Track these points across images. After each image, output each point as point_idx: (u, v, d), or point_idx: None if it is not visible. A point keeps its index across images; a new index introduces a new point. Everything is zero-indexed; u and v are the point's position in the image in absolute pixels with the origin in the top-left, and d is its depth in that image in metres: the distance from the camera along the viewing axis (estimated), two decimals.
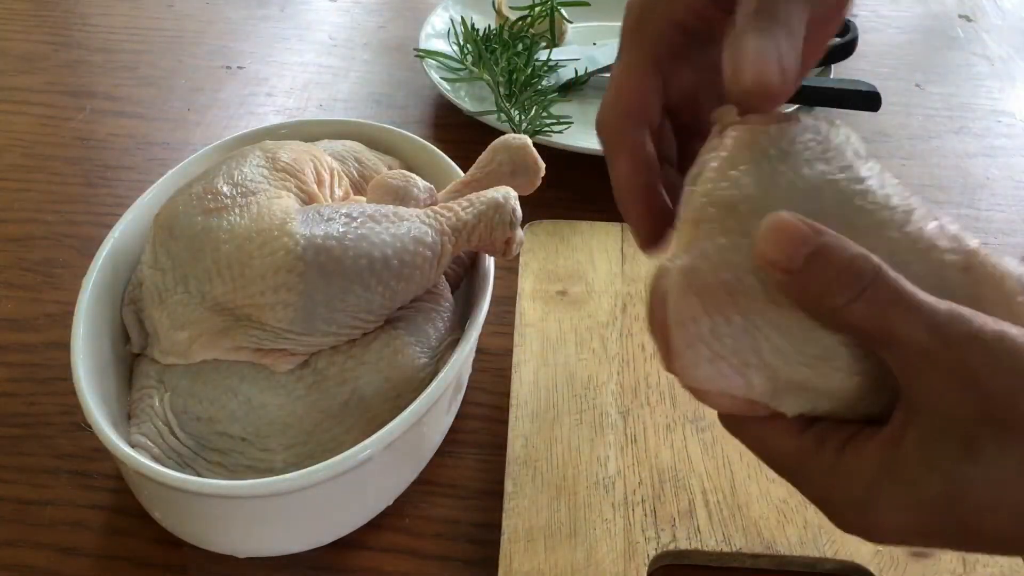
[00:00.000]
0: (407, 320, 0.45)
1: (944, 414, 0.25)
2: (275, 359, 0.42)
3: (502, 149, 0.50)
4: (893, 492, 0.26)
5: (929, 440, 0.26)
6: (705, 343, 0.27)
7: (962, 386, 0.25)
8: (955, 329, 0.25)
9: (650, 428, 0.49)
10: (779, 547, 0.44)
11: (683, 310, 0.27)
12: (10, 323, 0.56)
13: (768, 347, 0.27)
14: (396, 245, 0.43)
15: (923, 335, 0.25)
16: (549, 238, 0.61)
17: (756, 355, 0.27)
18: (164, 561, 0.44)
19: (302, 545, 0.43)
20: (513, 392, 0.51)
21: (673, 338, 0.28)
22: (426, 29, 0.79)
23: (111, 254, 0.46)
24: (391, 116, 0.76)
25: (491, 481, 0.48)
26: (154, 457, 0.41)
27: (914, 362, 0.25)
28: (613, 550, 0.43)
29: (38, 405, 0.51)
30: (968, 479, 0.25)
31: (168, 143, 0.72)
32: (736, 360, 0.27)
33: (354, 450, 0.39)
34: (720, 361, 0.27)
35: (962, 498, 0.25)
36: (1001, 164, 0.74)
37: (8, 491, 0.47)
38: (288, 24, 0.89)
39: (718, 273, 0.27)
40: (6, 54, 0.82)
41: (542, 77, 0.72)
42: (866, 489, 0.27)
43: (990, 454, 0.25)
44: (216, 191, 0.43)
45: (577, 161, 0.66)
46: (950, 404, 0.25)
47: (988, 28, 0.94)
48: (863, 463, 0.27)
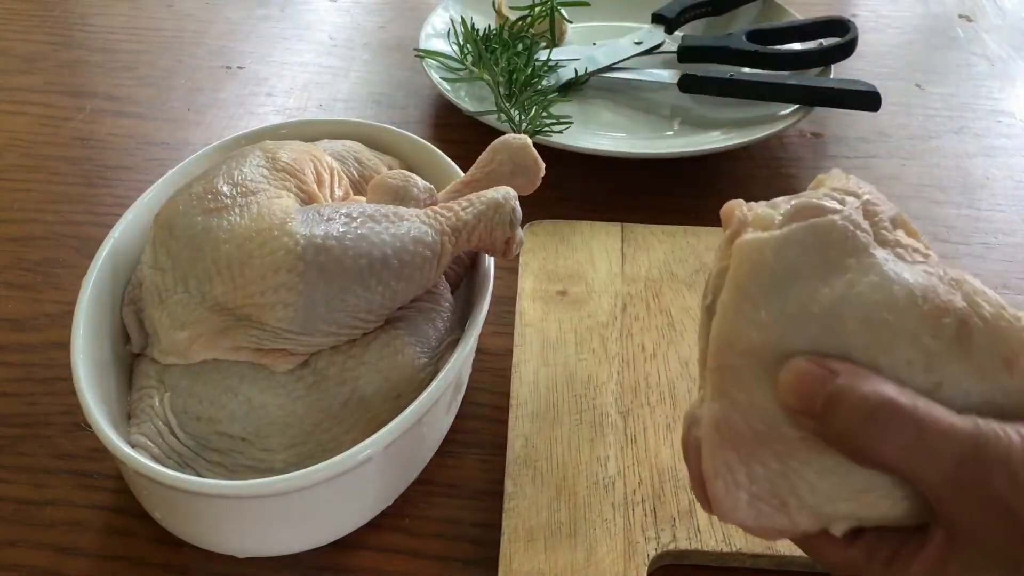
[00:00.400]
0: (407, 320, 0.45)
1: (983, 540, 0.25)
2: (275, 359, 0.42)
3: (502, 149, 0.50)
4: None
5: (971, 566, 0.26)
6: (743, 489, 0.27)
7: (996, 515, 0.25)
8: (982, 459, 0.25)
9: (650, 428, 0.49)
10: (779, 547, 0.44)
11: (718, 460, 0.27)
12: (10, 323, 0.56)
13: (807, 487, 0.27)
14: (396, 245, 0.43)
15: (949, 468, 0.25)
16: (549, 238, 0.61)
17: (796, 496, 0.27)
18: (164, 561, 0.44)
19: (302, 545, 0.43)
20: (513, 392, 0.51)
21: (710, 487, 0.28)
22: (426, 29, 0.79)
23: (111, 254, 0.46)
24: (391, 116, 0.76)
25: (491, 481, 0.48)
26: (154, 457, 0.41)
27: (946, 495, 0.25)
28: (613, 550, 0.43)
29: (38, 405, 0.51)
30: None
31: (168, 143, 0.72)
32: (776, 501, 0.27)
33: (354, 450, 0.39)
34: (760, 503, 0.27)
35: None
36: (1001, 164, 0.74)
37: (8, 491, 0.47)
38: (288, 24, 0.89)
39: (750, 422, 0.27)
40: (6, 54, 0.82)
41: (542, 77, 0.72)
42: None
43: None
44: (216, 191, 0.43)
45: (577, 161, 0.67)
46: (987, 531, 0.25)
47: (988, 28, 0.94)
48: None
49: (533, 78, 0.71)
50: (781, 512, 0.27)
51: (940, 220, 0.67)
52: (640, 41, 0.77)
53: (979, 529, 0.25)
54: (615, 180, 0.69)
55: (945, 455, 0.25)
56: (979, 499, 0.25)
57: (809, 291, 0.27)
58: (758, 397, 0.27)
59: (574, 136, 0.68)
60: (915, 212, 0.68)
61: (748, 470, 0.27)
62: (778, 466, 0.27)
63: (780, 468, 0.27)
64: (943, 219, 0.68)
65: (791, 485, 0.27)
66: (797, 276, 0.27)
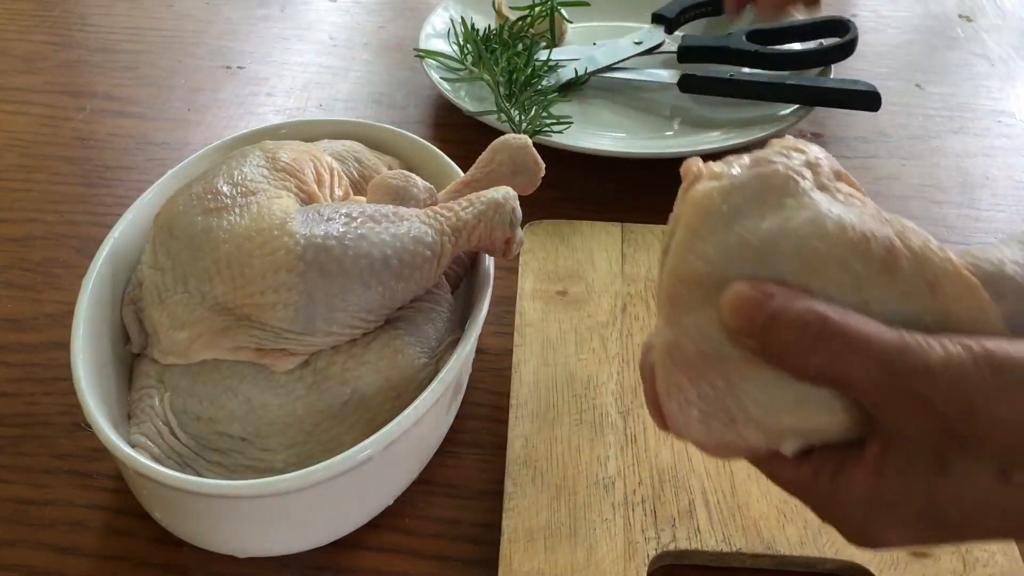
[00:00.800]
0: (407, 320, 0.45)
1: (912, 439, 0.27)
2: (275, 359, 0.42)
3: (502, 149, 0.50)
4: (884, 515, 0.29)
5: (905, 464, 0.28)
6: (694, 406, 0.29)
7: (921, 413, 0.27)
8: (905, 363, 0.27)
9: (650, 428, 0.49)
10: (779, 547, 0.44)
11: (671, 381, 0.30)
12: (10, 323, 0.56)
13: (751, 402, 0.29)
14: (396, 245, 0.43)
15: (876, 374, 0.27)
16: (549, 238, 0.61)
17: (743, 411, 0.29)
18: (164, 561, 0.44)
19: (302, 545, 0.43)
20: (513, 392, 0.51)
21: (665, 407, 0.30)
22: (426, 29, 0.79)
23: (111, 254, 0.46)
24: (391, 116, 0.76)
25: (491, 481, 0.48)
26: (154, 457, 0.41)
27: (875, 398, 0.28)
28: (613, 550, 0.43)
29: (38, 405, 0.51)
30: (946, 492, 0.28)
31: (168, 143, 0.72)
32: (725, 417, 0.29)
33: (354, 450, 0.39)
34: (711, 420, 0.30)
35: (944, 510, 0.28)
36: (1001, 164, 0.74)
37: (8, 491, 0.47)
38: (288, 24, 0.89)
39: (697, 345, 0.29)
40: (6, 54, 0.82)
41: (542, 77, 0.72)
42: (861, 515, 0.29)
43: (960, 467, 0.27)
44: (216, 191, 0.43)
45: (577, 161, 0.67)
46: (915, 430, 0.27)
47: (988, 28, 0.94)
48: (853, 492, 0.29)
49: (533, 78, 0.71)
50: (730, 427, 0.29)
51: (940, 220, 0.67)
52: (640, 41, 0.77)
53: (907, 428, 0.27)
54: (615, 180, 0.69)
55: (873, 362, 0.27)
56: (905, 399, 0.27)
57: (750, 226, 0.29)
58: (703, 322, 0.29)
59: (574, 136, 0.68)
60: (915, 212, 0.68)
61: (698, 389, 0.29)
62: (724, 384, 0.29)
63: (726, 386, 0.29)
64: (943, 219, 0.68)
65: (737, 401, 0.29)
66: (740, 215, 0.30)
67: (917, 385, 0.27)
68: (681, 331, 0.30)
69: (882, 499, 0.28)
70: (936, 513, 0.28)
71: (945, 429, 0.27)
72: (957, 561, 0.43)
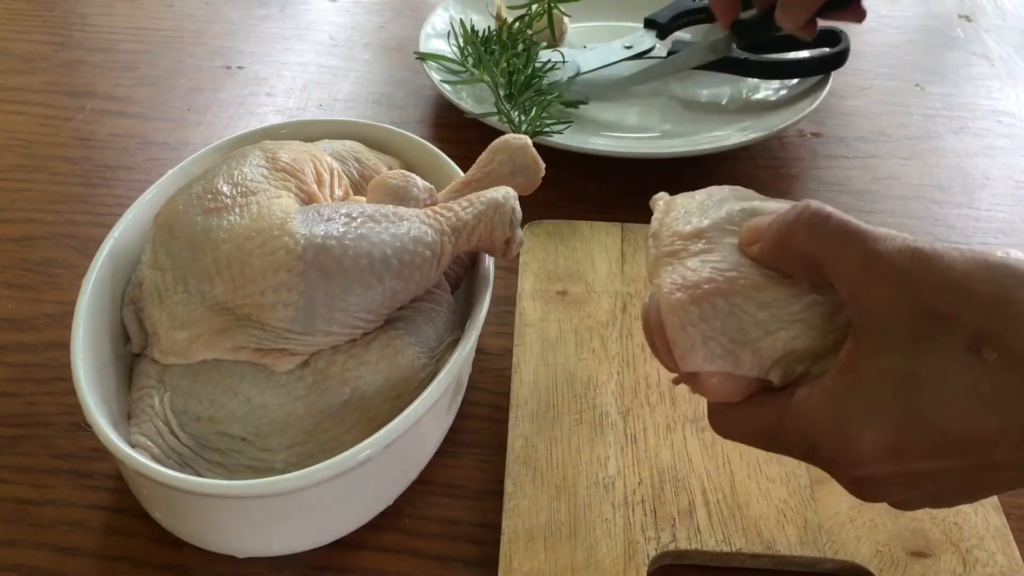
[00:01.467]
0: (407, 320, 0.45)
1: (887, 319, 0.28)
2: (275, 359, 0.42)
3: (502, 149, 0.50)
4: (856, 406, 0.29)
5: (878, 348, 0.28)
6: (696, 327, 0.32)
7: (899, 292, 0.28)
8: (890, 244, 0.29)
9: (650, 428, 0.49)
10: (779, 547, 0.44)
11: (675, 306, 0.33)
12: (10, 323, 0.56)
13: (749, 320, 0.32)
14: (396, 245, 0.43)
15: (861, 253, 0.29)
16: (549, 238, 0.61)
17: (741, 332, 0.32)
18: (164, 561, 0.44)
19: (302, 545, 0.43)
20: (513, 392, 0.51)
21: (669, 329, 0.33)
22: (426, 29, 0.79)
23: (111, 254, 0.46)
24: (391, 116, 0.76)
25: (491, 481, 0.48)
26: (154, 457, 0.41)
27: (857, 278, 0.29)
28: (613, 550, 0.43)
29: (38, 405, 0.51)
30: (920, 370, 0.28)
31: (168, 143, 0.72)
32: (725, 339, 0.32)
33: (354, 450, 0.39)
34: (711, 342, 0.32)
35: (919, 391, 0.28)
36: (1001, 164, 0.74)
37: (8, 491, 0.47)
38: (288, 24, 0.89)
39: (699, 274, 0.33)
40: (6, 54, 0.82)
41: (542, 78, 0.72)
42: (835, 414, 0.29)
43: (934, 344, 0.28)
44: (216, 191, 0.43)
45: (577, 161, 0.67)
46: (892, 307, 0.28)
47: (988, 28, 0.94)
48: (826, 393, 0.30)
49: (533, 79, 0.71)
50: (729, 352, 0.32)
51: (940, 220, 0.67)
52: (630, 45, 0.77)
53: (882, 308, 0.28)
54: (615, 180, 0.69)
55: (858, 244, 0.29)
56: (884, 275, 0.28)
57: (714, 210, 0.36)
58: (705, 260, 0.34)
59: (574, 136, 0.68)
60: (915, 212, 0.68)
61: (700, 310, 0.32)
62: (725, 304, 0.32)
63: (727, 306, 0.32)
64: (943, 219, 0.68)
65: (737, 321, 0.32)
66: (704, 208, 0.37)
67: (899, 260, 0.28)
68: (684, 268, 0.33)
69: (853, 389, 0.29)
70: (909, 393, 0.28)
71: (921, 307, 0.28)
72: (957, 561, 0.43)
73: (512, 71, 0.71)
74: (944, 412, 0.28)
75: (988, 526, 0.45)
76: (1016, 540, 0.44)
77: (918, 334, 0.28)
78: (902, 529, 0.44)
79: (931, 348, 0.28)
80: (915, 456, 0.28)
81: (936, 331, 0.27)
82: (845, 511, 0.45)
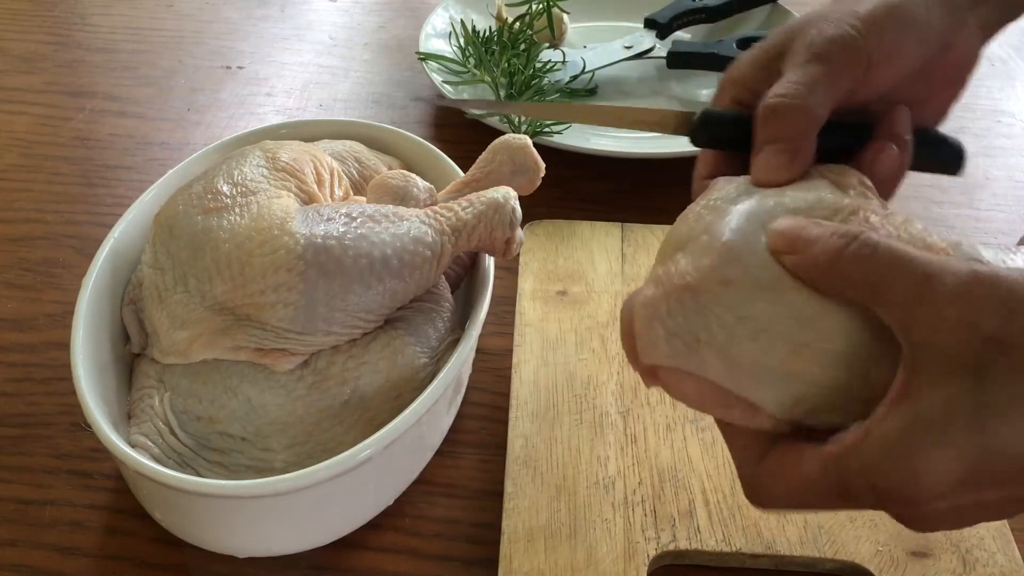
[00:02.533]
0: (407, 320, 0.45)
1: (948, 348, 0.27)
2: (275, 359, 0.42)
3: (502, 149, 0.50)
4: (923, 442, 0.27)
5: (940, 378, 0.27)
6: (661, 322, 0.31)
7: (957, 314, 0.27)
8: (945, 269, 0.27)
9: (650, 428, 0.49)
10: (779, 547, 0.44)
11: (645, 301, 0.31)
12: (10, 323, 0.56)
13: (716, 322, 0.30)
14: (396, 245, 0.43)
15: (912, 280, 0.27)
16: (549, 238, 0.61)
17: (706, 331, 0.30)
18: (164, 561, 0.44)
19: (302, 545, 0.43)
20: (513, 392, 0.51)
21: (636, 324, 0.32)
22: (426, 29, 0.79)
23: (111, 254, 0.46)
24: (391, 116, 0.76)
25: (491, 481, 0.48)
26: (154, 457, 0.41)
27: (910, 306, 0.27)
28: (613, 550, 0.43)
29: (38, 405, 0.51)
30: (986, 402, 0.26)
31: (168, 143, 0.72)
32: (689, 337, 0.30)
33: (354, 450, 0.39)
34: (674, 339, 0.30)
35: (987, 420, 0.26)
36: (1001, 164, 0.74)
37: (8, 491, 0.47)
38: (288, 24, 0.89)
39: (672, 277, 0.31)
40: (6, 54, 0.82)
41: (542, 78, 0.72)
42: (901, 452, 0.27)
43: (1000, 373, 0.26)
44: (216, 191, 0.43)
45: (577, 161, 0.67)
46: (951, 336, 0.27)
47: None
48: (887, 427, 0.27)
49: (533, 79, 0.72)
50: (692, 350, 0.30)
51: (940, 220, 0.67)
52: (630, 45, 0.77)
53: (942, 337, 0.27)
54: (615, 180, 0.69)
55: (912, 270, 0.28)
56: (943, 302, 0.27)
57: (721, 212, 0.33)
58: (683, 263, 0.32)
59: (574, 136, 0.68)
60: (915, 212, 0.68)
61: (667, 305, 0.31)
62: (693, 301, 0.30)
63: (694, 304, 0.30)
64: (943, 219, 0.68)
65: (703, 320, 0.30)
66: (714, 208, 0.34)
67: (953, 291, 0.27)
68: (664, 271, 0.32)
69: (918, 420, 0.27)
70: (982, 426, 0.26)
71: (983, 334, 0.26)
72: (957, 561, 0.43)
73: (512, 71, 0.71)
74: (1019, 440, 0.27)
75: (988, 526, 0.45)
76: (1016, 540, 0.44)
77: (983, 361, 0.26)
78: (902, 529, 0.44)
79: (999, 375, 0.26)
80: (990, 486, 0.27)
81: (1002, 357, 0.26)
82: (845, 511, 0.45)
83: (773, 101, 0.34)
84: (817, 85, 0.34)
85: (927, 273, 0.27)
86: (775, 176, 0.33)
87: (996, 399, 0.26)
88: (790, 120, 0.34)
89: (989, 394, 0.26)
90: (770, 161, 0.33)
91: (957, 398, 0.27)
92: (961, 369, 0.27)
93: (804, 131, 0.34)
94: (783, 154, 0.33)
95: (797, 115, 0.33)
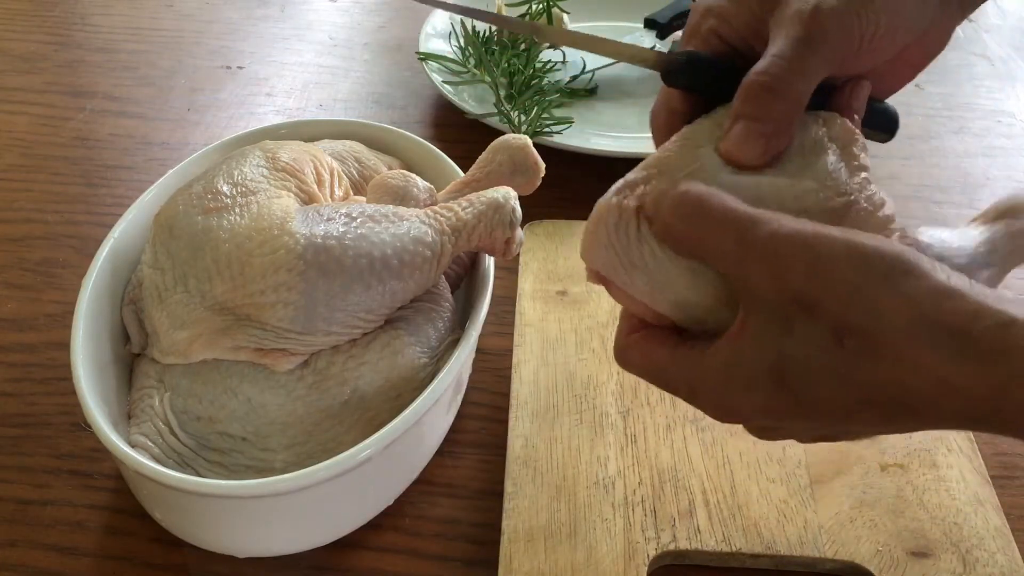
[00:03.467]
0: (407, 320, 0.45)
1: (765, 300, 0.30)
2: (275, 359, 0.42)
3: (502, 149, 0.50)
4: (738, 374, 0.31)
5: (760, 325, 0.30)
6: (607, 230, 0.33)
7: (770, 274, 0.29)
8: (757, 232, 0.29)
9: (650, 428, 0.49)
10: (779, 547, 0.44)
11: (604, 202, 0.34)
12: (10, 323, 0.56)
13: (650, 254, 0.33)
14: (396, 245, 0.43)
15: (732, 242, 0.30)
16: (549, 238, 0.61)
17: (640, 257, 0.33)
18: (164, 561, 0.44)
19: (302, 545, 0.43)
20: (513, 392, 0.51)
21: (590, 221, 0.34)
22: (426, 29, 0.79)
23: (111, 254, 0.46)
24: (391, 116, 0.76)
25: (491, 481, 0.48)
26: (154, 457, 0.41)
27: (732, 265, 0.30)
28: (613, 550, 0.43)
29: (38, 405, 0.51)
30: (789, 351, 0.29)
31: (168, 143, 0.72)
32: (626, 259, 0.33)
33: (354, 450, 0.39)
34: (611, 251, 0.33)
35: (787, 369, 0.30)
36: (1001, 164, 0.74)
37: (8, 491, 0.47)
38: (288, 24, 0.89)
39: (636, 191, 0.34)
40: (6, 54, 0.82)
41: (542, 78, 0.72)
42: (721, 376, 0.31)
43: (801, 329, 0.29)
44: (216, 191, 0.43)
45: (577, 161, 0.66)
46: (766, 290, 0.29)
47: (988, 28, 0.94)
48: (717, 356, 0.31)
49: (533, 79, 0.72)
50: (625, 270, 0.33)
51: (940, 220, 0.67)
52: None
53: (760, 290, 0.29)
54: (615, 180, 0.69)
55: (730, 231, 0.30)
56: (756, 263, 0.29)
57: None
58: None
59: (574, 136, 0.68)
60: (915, 212, 0.68)
61: (618, 222, 0.33)
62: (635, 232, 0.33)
63: (636, 234, 0.33)
64: (943, 219, 0.68)
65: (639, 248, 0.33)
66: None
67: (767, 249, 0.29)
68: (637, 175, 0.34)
69: (738, 362, 0.31)
70: (781, 373, 0.30)
71: (790, 292, 0.29)
72: (957, 561, 0.43)
73: (512, 71, 0.71)
74: (809, 391, 0.30)
75: (988, 526, 0.45)
76: (1016, 540, 0.44)
77: (788, 317, 0.29)
78: (902, 529, 0.44)
79: (799, 332, 0.29)
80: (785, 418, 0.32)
81: (803, 316, 0.29)
82: (845, 511, 0.45)
83: (759, 79, 0.33)
84: (806, 69, 0.33)
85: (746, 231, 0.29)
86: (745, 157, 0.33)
87: (795, 355, 0.29)
88: (772, 104, 0.33)
89: (791, 350, 0.29)
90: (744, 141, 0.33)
91: (767, 348, 0.30)
92: (774, 322, 0.30)
93: (785, 115, 0.33)
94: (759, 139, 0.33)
95: (780, 100, 0.33)
